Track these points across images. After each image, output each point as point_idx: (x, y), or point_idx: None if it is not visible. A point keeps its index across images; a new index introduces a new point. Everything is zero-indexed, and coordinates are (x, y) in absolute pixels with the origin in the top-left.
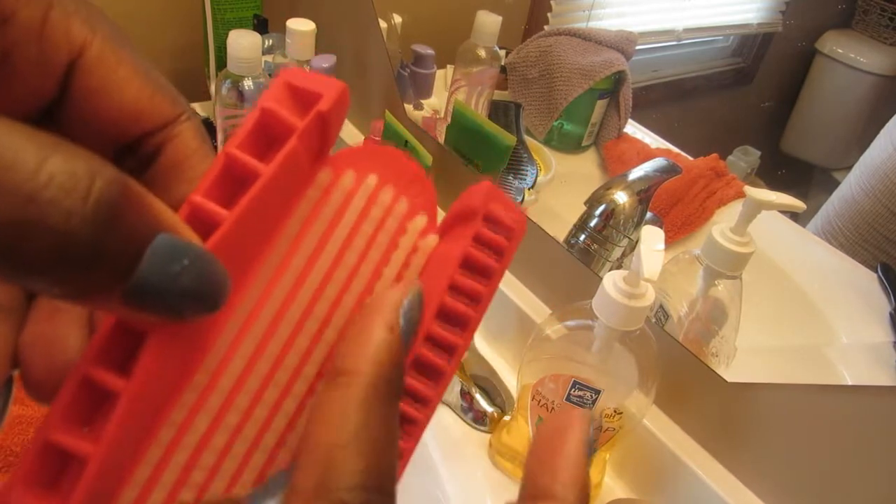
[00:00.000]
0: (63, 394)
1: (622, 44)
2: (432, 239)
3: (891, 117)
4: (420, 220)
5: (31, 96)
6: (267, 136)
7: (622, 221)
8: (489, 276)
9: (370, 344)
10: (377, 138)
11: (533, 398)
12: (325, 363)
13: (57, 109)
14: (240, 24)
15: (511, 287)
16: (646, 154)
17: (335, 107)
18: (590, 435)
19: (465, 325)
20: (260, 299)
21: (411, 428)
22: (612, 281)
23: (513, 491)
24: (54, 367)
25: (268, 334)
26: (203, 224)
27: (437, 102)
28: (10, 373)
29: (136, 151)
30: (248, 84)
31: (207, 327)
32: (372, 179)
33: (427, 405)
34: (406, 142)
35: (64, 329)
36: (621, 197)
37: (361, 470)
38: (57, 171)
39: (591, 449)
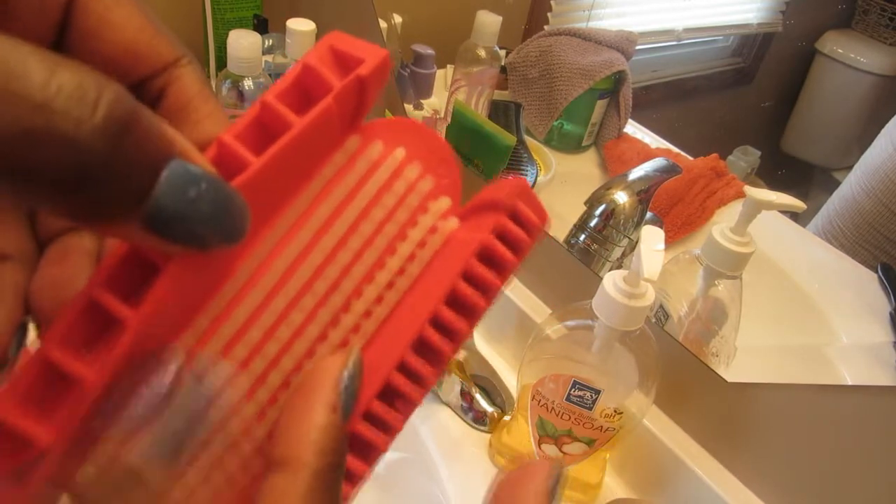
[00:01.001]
0: (66, 313)
1: (622, 44)
2: (452, 222)
3: (891, 117)
4: (443, 202)
5: (29, 37)
6: (305, 92)
7: (622, 221)
8: (503, 270)
9: (311, 430)
10: None
11: (533, 398)
12: (327, 328)
13: (58, 48)
14: (240, 24)
15: (511, 287)
16: (646, 154)
17: (375, 72)
18: (553, 483)
19: (471, 315)
20: (273, 251)
21: (403, 405)
22: (612, 281)
23: None
24: None
25: (276, 288)
26: (229, 166)
27: (437, 102)
28: (24, 318)
29: (140, 94)
30: (248, 84)
31: (217, 270)
32: (400, 153)
33: (432, 376)
34: None
35: (73, 271)
36: (621, 197)
37: None
38: (66, 82)
39: (553, 498)
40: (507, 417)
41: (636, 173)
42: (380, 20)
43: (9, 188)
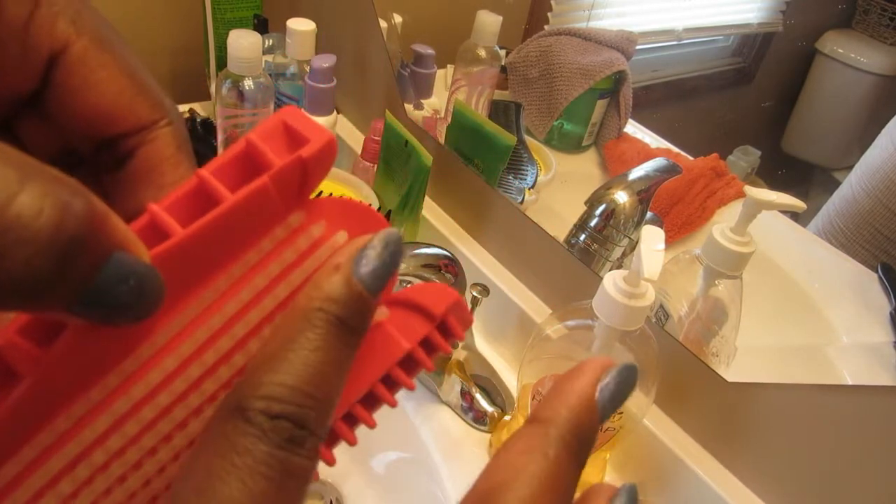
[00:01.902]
0: None
1: (622, 43)
2: (382, 312)
3: (891, 117)
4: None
5: (12, 88)
6: (248, 168)
7: (622, 221)
8: (416, 371)
9: (326, 285)
10: (377, 138)
11: (533, 398)
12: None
13: (39, 99)
14: (240, 24)
15: (511, 287)
16: (646, 154)
17: (318, 155)
18: (608, 380)
19: (374, 407)
20: (196, 320)
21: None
22: (612, 281)
23: None
24: None
25: (190, 359)
26: (156, 234)
27: (437, 102)
28: None
29: (112, 149)
30: (248, 84)
31: (128, 338)
32: (342, 236)
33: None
34: (406, 142)
35: None
36: (622, 197)
37: (279, 383)
38: (26, 204)
39: (611, 396)
40: (507, 417)
41: (636, 173)
42: (380, 20)
43: None
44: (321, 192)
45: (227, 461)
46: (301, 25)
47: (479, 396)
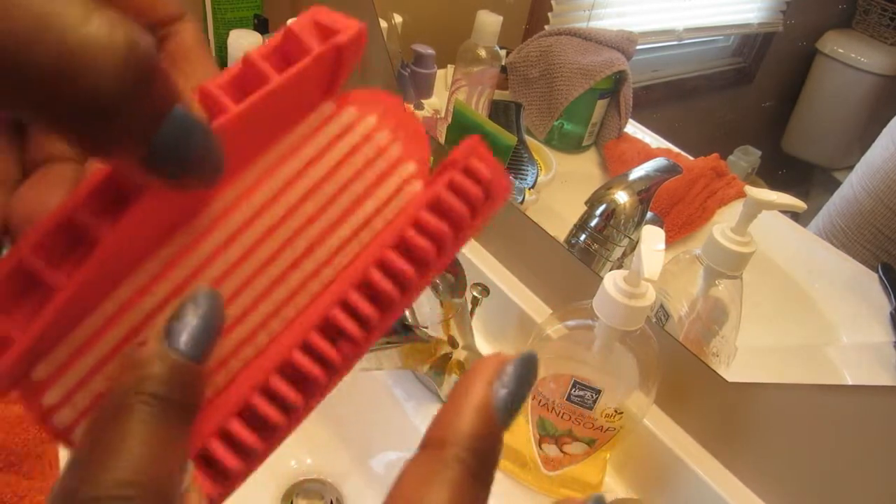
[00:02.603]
0: (42, 224)
1: (623, 43)
2: (417, 185)
3: (892, 117)
4: (409, 166)
5: None
6: (286, 55)
7: (623, 221)
8: (455, 221)
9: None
10: None
11: (533, 398)
12: (287, 271)
13: None
14: (240, 24)
15: (511, 287)
16: (646, 154)
17: (352, 42)
18: (504, 379)
19: (421, 263)
20: (239, 199)
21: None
22: (612, 281)
23: (513, 490)
24: None
25: (238, 231)
26: (209, 112)
27: (437, 102)
28: (2, 239)
29: None
30: None
31: (186, 209)
32: (371, 119)
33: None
34: None
35: (51, 193)
36: (622, 197)
37: (111, 481)
38: (98, 26)
39: (509, 399)
40: None
41: (637, 173)
42: (380, 20)
43: (33, 116)
44: None
45: None
46: None
47: None
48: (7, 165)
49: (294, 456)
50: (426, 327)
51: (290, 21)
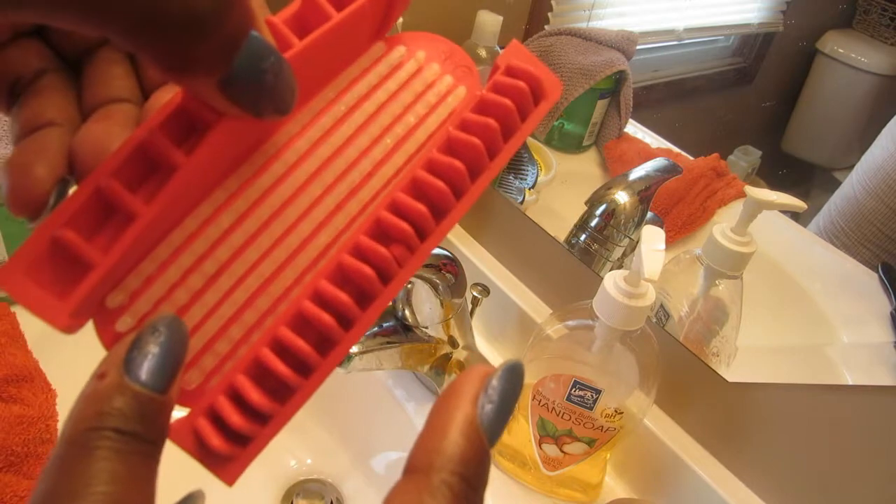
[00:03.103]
0: (119, 152)
1: (623, 43)
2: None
3: (892, 117)
4: (460, 90)
5: None
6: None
7: (623, 221)
8: (509, 127)
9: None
10: None
11: (533, 398)
12: (353, 192)
13: None
14: None
15: (512, 287)
16: (646, 154)
17: None
18: (489, 393)
19: (475, 162)
20: (300, 132)
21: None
22: (612, 281)
23: (513, 491)
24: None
25: (298, 162)
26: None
27: None
28: (66, 175)
29: None
30: None
31: (254, 138)
32: (421, 54)
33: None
34: None
35: (115, 130)
36: (622, 197)
37: None
38: None
39: (496, 414)
40: None
41: (637, 173)
42: None
43: (126, 33)
44: None
45: None
46: None
47: None
48: (68, 106)
49: (294, 456)
50: (426, 327)
51: None
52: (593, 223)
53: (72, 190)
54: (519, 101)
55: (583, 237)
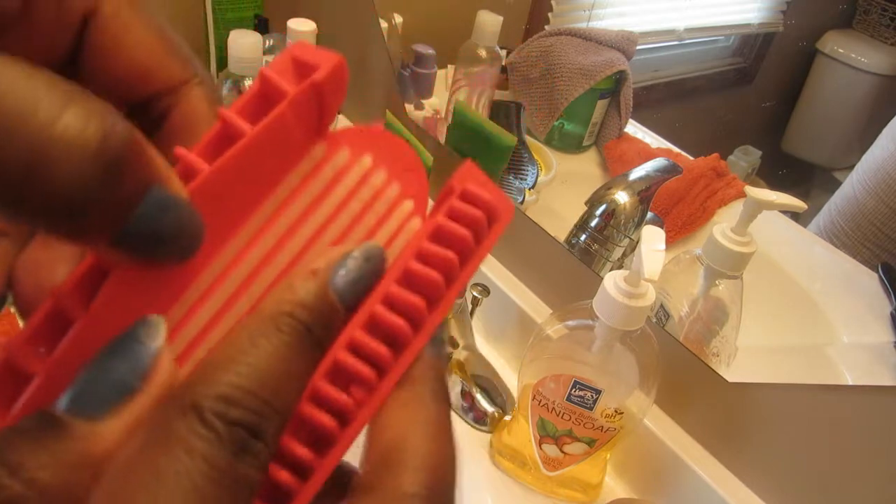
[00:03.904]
0: (33, 317)
1: (623, 44)
2: (416, 222)
3: (892, 117)
4: (407, 205)
5: (48, 50)
6: (266, 103)
7: (623, 221)
8: (465, 256)
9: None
10: None
11: (534, 398)
12: None
13: (73, 61)
14: (240, 24)
15: (512, 287)
16: (647, 154)
17: (329, 77)
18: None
19: (429, 291)
20: (237, 258)
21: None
22: (612, 281)
23: (513, 491)
24: (41, 291)
25: (237, 293)
26: (185, 177)
27: (437, 102)
28: (5, 291)
29: (147, 110)
30: (248, 84)
31: (174, 278)
32: (367, 160)
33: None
34: (407, 142)
35: (55, 257)
36: (622, 197)
37: (238, 386)
38: (71, 123)
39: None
40: (507, 417)
41: (637, 173)
42: (380, 20)
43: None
44: None
45: (178, 462)
46: (301, 26)
47: (479, 397)
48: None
49: None
50: None
51: (266, 61)
52: (593, 223)
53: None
54: (475, 229)
55: (583, 237)
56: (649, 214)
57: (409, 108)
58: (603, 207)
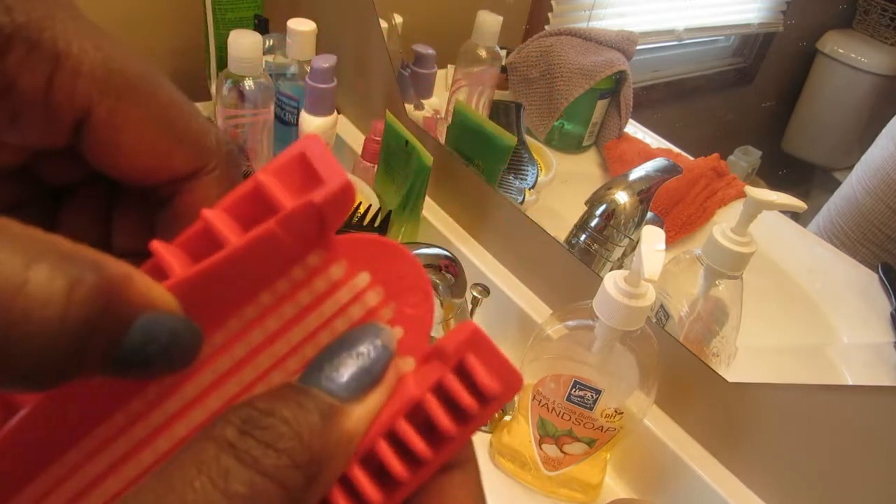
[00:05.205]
0: None
1: (623, 44)
2: (408, 363)
3: (892, 117)
4: (396, 332)
5: (42, 145)
6: (259, 205)
7: (623, 221)
8: (439, 441)
9: None
10: (377, 138)
11: (534, 398)
12: None
13: (69, 150)
14: (240, 24)
15: (512, 287)
16: (647, 154)
17: (330, 200)
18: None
19: (389, 484)
20: (205, 362)
21: None
22: (612, 281)
23: (513, 491)
24: None
25: (197, 400)
26: (157, 276)
27: (437, 102)
28: None
29: (153, 192)
30: (248, 84)
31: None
32: (363, 278)
33: None
34: (406, 142)
35: None
36: (622, 197)
37: None
38: (40, 283)
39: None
40: (507, 417)
41: (637, 173)
42: (380, 20)
43: None
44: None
45: None
46: (301, 26)
47: None
48: None
49: None
50: None
51: (269, 162)
52: (593, 223)
53: None
54: (464, 417)
55: (583, 237)
56: (649, 214)
57: (409, 108)
58: (603, 207)
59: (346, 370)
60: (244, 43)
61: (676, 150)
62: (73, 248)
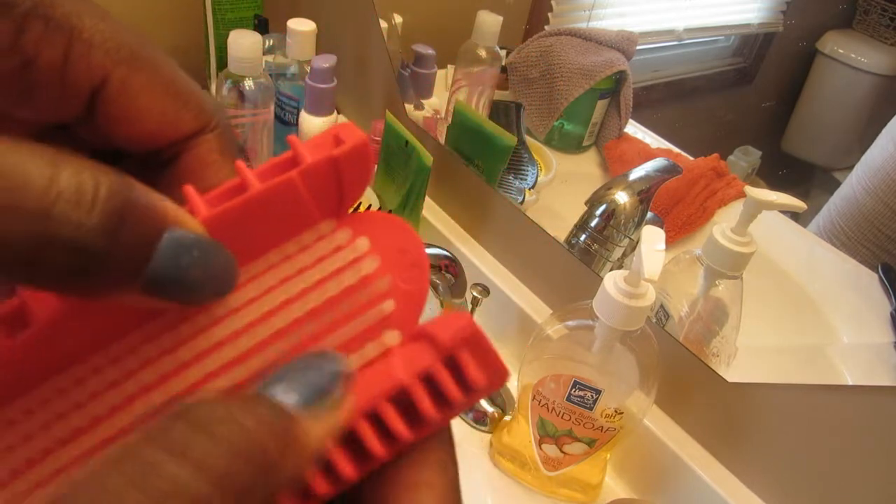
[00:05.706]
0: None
1: (623, 44)
2: (394, 336)
3: (892, 117)
4: (388, 305)
5: (55, 119)
6: (289, 166)
7: (623, 221)
8: (419, 424)
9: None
10: (377, 138)
11: (534, 398)
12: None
13: (84, 122)
14: (240, 24)
15: (512, 287)
16: (646, 154)
17: (349, 154)
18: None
19: (366, 461)
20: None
21: None
22: (612, 281)
23: (513, 491)
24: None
25: (187, 339)
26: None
27: (437, 102)
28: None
29: (156, 154)
30: (248, 84)
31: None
32: (363, 242)
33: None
34: (406, 142)
35: None
36: (622, 197)
37: None
38: (64, 186)
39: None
40: (507, 417)
41: (637, 173)
42: (380, 20)
43: (14, 279)
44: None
45: None
46: (301, 26)
47: None
48: None
49: None
50: None
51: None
52: (593, 223)
53: None
54: (448, 406)
55: (583, 237)
56: (649, 214)
57: (409, 108)
58: (603, 207)
59: (300, 385)
60: (244, 43)
61: (676, 150)
62: (98, 162)
